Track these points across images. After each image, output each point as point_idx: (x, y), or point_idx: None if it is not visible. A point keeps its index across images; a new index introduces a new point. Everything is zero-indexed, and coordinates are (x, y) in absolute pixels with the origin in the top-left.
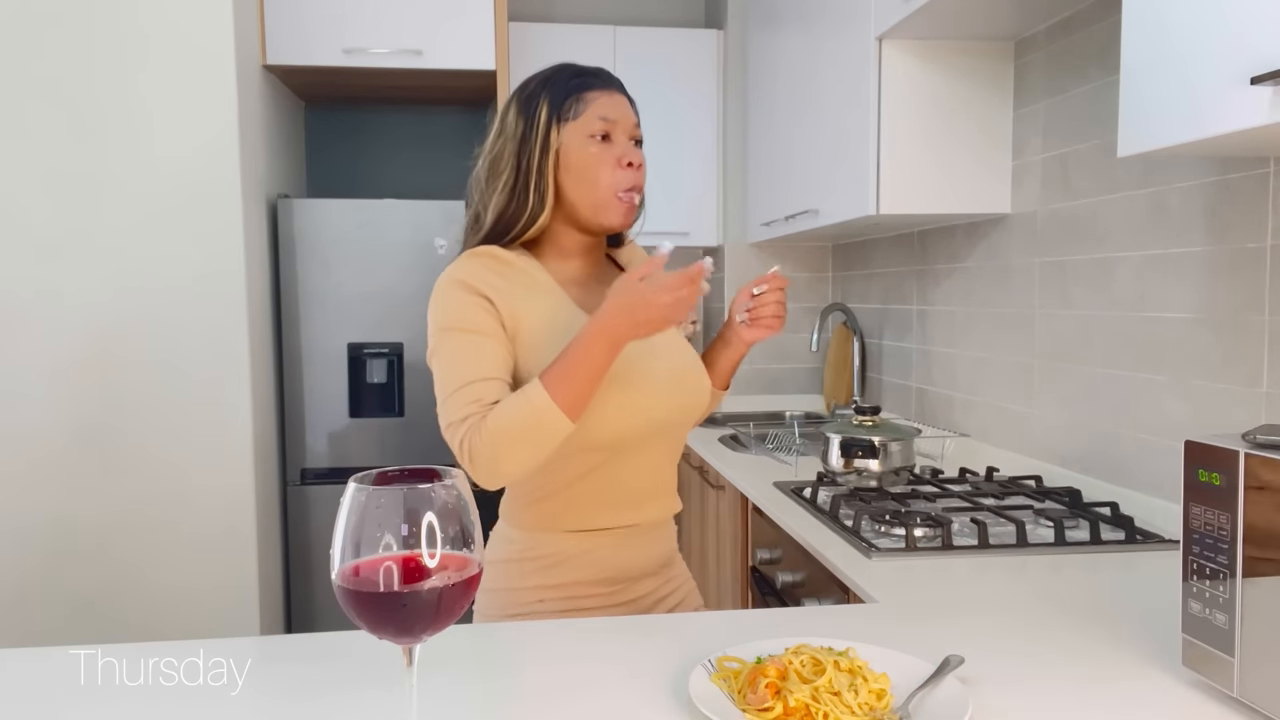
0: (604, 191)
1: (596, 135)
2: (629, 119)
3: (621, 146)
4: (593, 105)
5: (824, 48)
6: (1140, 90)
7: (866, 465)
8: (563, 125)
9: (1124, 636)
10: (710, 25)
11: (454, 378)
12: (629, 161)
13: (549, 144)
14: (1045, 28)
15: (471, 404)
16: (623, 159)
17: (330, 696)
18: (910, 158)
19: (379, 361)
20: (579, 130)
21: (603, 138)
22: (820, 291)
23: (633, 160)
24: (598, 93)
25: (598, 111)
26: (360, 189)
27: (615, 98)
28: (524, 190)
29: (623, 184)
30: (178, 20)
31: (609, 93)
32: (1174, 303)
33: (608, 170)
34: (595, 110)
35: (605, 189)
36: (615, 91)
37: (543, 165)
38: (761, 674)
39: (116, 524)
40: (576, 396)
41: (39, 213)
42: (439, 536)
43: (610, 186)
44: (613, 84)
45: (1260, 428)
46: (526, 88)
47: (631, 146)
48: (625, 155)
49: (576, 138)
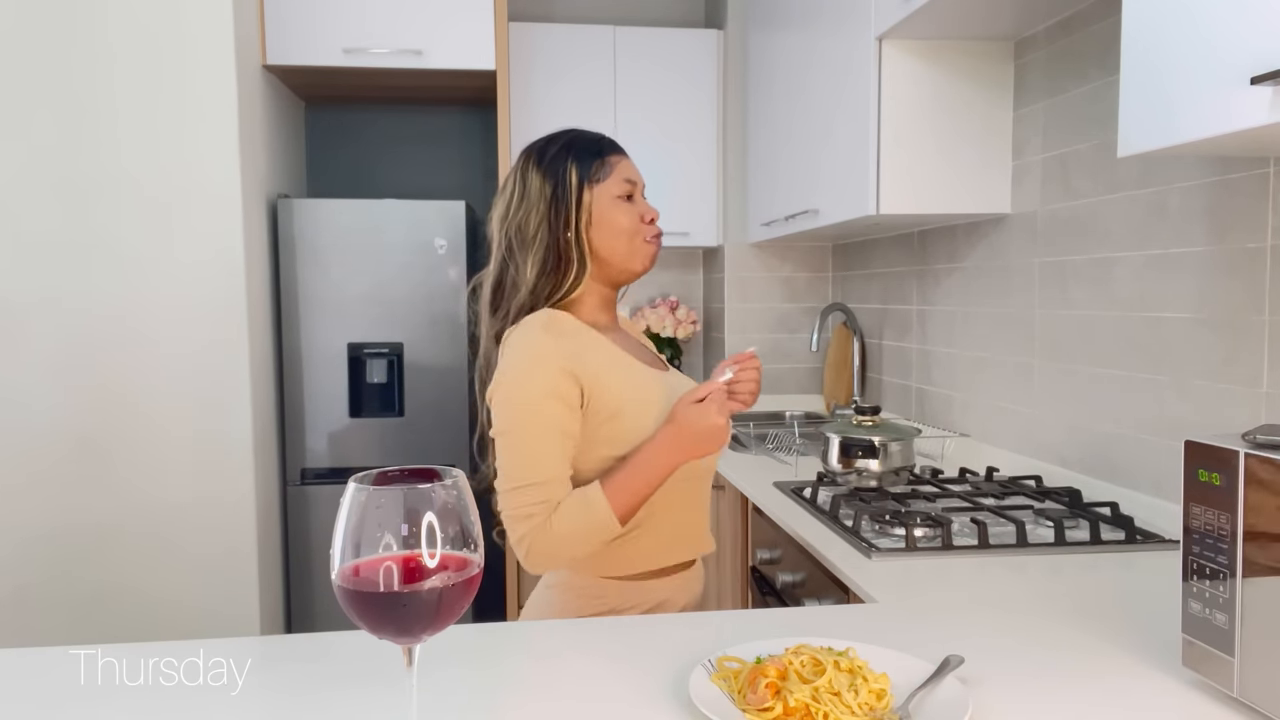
0: (634, 240)
1: (622, 196)
2: (641, 178)
3: (641, 204)
4: (617, 168)
5: (824, 48)
6: (1140, 90)
7: (866, 465)
8: (593, 187)
9: (1124, 636)
10: (710, 25)
11: (525, 471)
12: (651, 218)
13: (583, 204)
14: (1045, 28)
15: (538, 505)
16: (645, 215)
17: (330, 696)
18: (910, 158)
19: (379, 361)
20: (607, 191)
21: (628, 197)
22: (820, 291)
23: (654, 216)
24: (617, 157)
25: (622, 174)
26: (360, 189)
27: (625, 160)
28: (566, 251)
29: (648, 233)
30: (178, 20)
31: (622, 157)
32: (1174, 303)
33: (636, 223)
34: (620, 173)
35: (635, 240)
36: (624, 156)
37: (579, 225)
38: (761, 674)
39: (116, 524)
40: (631, 507)
41: (38, 213)
42: (439, 536)
43: (638, 235)
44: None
45: (1260, 428)
46: (544, 153)
47: (646, 203)
48: (648, 212)
49: (605, 198)
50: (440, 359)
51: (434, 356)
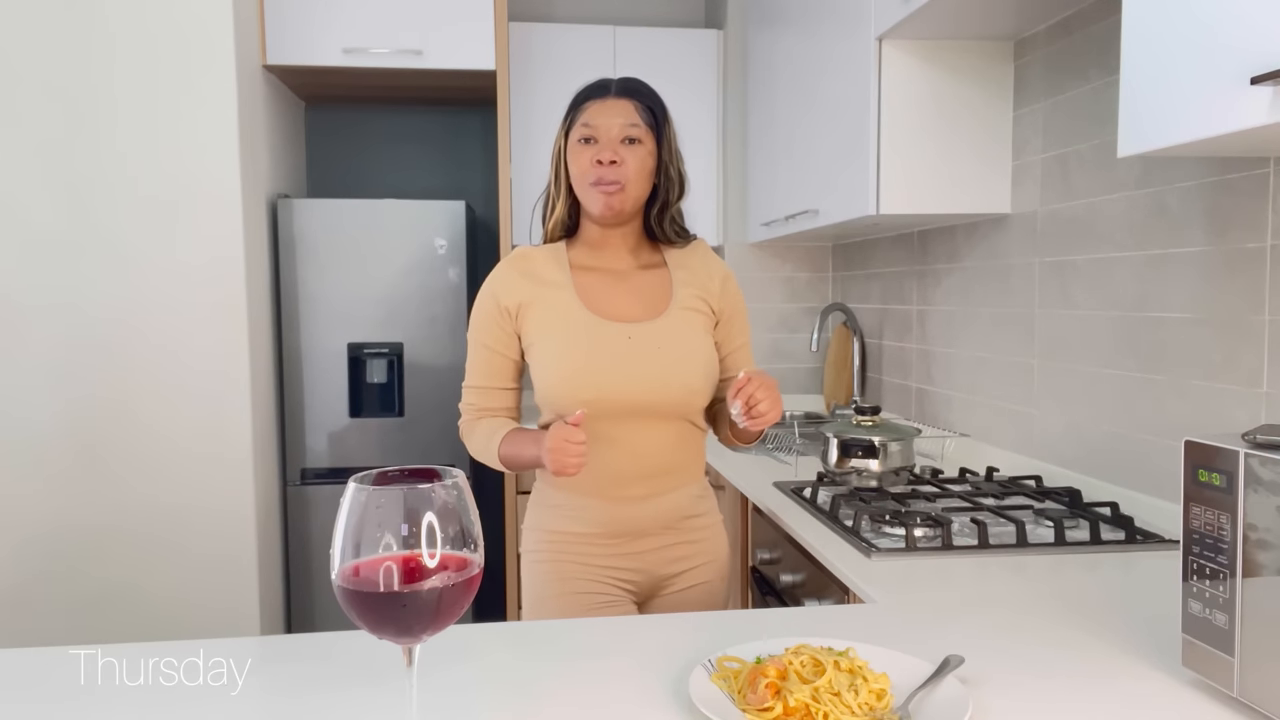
0: (579, 182)
1: (581, 139)
2: (613, 122)
3: (600, 147)
4: (583, 114)
5: (824, 48)
6: (1140, 90)
7: (866, 465)
8: (566, 132)
9: (1124, 636)
10: (710, 25)
11: (468, 375)
12: (599, 159)
13: (561, 152)
14: (1045, 28)
15: (468, 406)
16: (594, 157)
17: (330, 696)
18: (910, 158)
19: (379, 361)
20: (572, 137)
21: (585, 140)
22: (820, 291)
23: (602, 158)
24: (592, 102)
25: (583, 119)
26: (360, 189)
27: (606, 105)
28: (549, 192)
29: (594, 176)
30: (178, 20)
31: (601, 101)
32: (1174, 303)
33: (582, 165)
34: (583, 118)
35: (580, 181)
36: (609, 99)
37: (559, 169)
38: (761, 674)
39: (116, 524)
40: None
41: (38, 213)
42: (439, 536)
43: (584, 177)
44: (607, 91)
45: (1260, 428)
46: None
47: (610, 146)
48: (599, 154)
49: (571, 143)
50: (440, 359)
51: (434, 356)
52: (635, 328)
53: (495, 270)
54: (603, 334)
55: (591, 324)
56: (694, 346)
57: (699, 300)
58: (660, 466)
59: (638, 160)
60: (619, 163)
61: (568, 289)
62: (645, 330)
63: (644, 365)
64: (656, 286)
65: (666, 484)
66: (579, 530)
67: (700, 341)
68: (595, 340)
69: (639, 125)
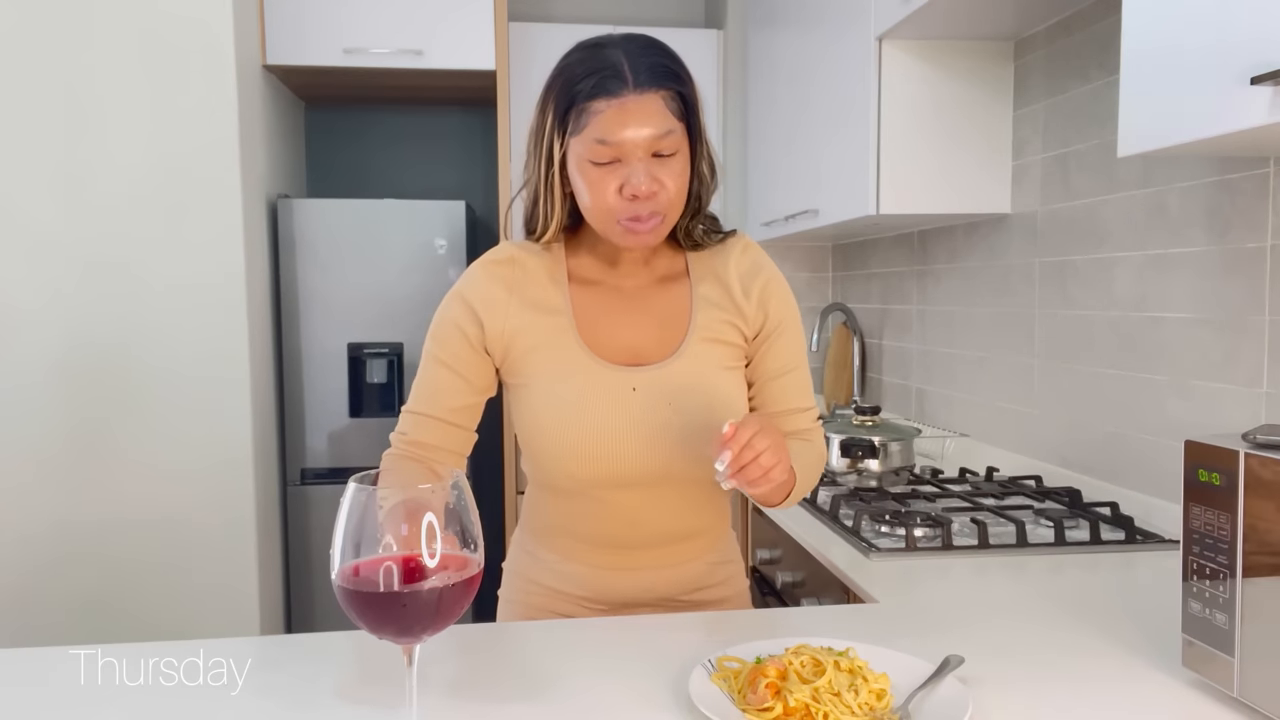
0: (601, 219)
1: (594, 162)
2: (640, 135)
3: (626, 171)
4: (594, 121)
5: (824, 48)
6: (1140, 90)
7: (866, 465)
8: (565, 137)
9: (1124, 636)
10: (710, 25)
11: (410, 399)
12: (632, 193)
13: (553, 155)
14: (1045, 28)
15: (399, 436)
16: (625, 187)
17: (330, 696)
18: (910, 158)
19: (379, 361)
20: (578, 148)
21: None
22: (820, 291)
23: (638, 191)
24: (605, 102)
25: (596, 132)
26: (360, 189)
27: (626, 108)
28: (538, 197)
29: (623, 214)
30: (178, 20)
31: (619, 100)
32: (1174, 303)
33: (603, 199)
34: (595, 130)
35: (601, 218)
36: (628, 95)
37: (549, 176)
38: (761, 674)
39: (116, 524)
40: None
41: (38, 213)
42: (439, 536)
43: (608, 215)
44: (625, 84)
45: (1260, 428)
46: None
47: (641, 170)
48: (628, 184)
49: (573, 157)
50: None
51: None
52: (642, 375)
53: (474, 273)
54: (601, 384)
55: (589, 370)
56: (713, 399)
57: (725, 325)
58: (667, 535)
59: (676, 178)
60: (657, 190)
61: (565, 315)
62: (653, 378)
63: (648, 428)
64: (673, 308)
65: (675, 555)
66: (565, 590)
67: (723, 390)
68: (590, 392)
69: (674, 130)
